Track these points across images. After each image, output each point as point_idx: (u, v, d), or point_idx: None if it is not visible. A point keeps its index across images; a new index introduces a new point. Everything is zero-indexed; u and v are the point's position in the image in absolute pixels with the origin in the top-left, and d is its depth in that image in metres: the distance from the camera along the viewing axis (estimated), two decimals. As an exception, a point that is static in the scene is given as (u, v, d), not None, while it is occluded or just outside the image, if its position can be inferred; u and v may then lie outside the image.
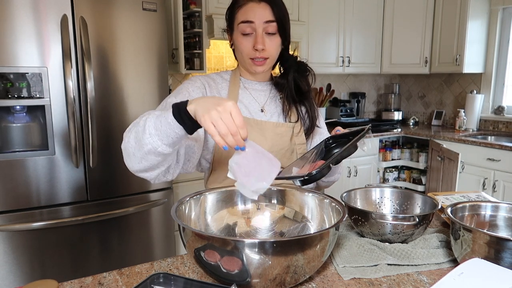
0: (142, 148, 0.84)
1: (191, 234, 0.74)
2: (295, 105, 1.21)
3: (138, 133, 0.84)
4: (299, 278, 0.75)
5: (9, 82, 1.78)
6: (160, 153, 0.84)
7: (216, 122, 0.72)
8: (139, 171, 0.92)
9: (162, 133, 0.81)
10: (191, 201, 0.93)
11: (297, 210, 1.00)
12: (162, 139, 0.81)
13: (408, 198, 1.12)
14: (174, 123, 0.79)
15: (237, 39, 1.09)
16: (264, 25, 1.06)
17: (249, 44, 1.08)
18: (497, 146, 2.80)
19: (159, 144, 0.82)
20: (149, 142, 0.82)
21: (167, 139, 0.81)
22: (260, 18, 1.05)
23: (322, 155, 1.00)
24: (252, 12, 1.05)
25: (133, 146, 0.86)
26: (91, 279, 0.85)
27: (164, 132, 0.80)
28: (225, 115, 0.72)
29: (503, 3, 3.25)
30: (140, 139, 0.84)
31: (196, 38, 2.76)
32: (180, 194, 2.39)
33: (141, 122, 0.85)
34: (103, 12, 1.89)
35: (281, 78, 1.20)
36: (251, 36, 1.08)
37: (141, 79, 2.03)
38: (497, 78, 3.43)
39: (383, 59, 3.71)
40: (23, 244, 1.84)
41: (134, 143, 0.86)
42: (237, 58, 1.17)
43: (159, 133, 0.81)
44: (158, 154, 0.85)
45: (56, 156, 1.87)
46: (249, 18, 1.06)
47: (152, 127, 0.81)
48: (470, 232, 0.81)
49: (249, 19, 1.06)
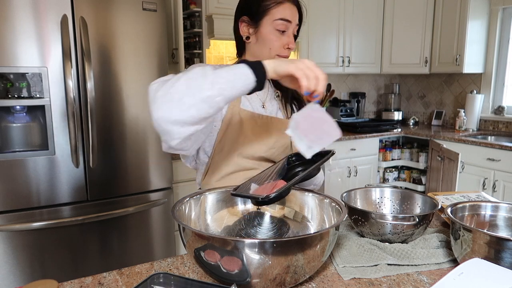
0: (197, 94, 0.79)
1: (191, 234, 0.74)
2: (291, 104, 1.22)
3: (193, 80, 0.81)
4: (299, 278, 0.75)
5: (9, 82, 1.78)
6: (216, 103, 0.80)
7: (303, 68, 0.81)
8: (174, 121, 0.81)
9: (227, 82, 0.80)
10: (191, 201, 0.93)
11: (297, 210, 1.00)
12: (226, 88, 0.80)
13: (408, 198, 1.12)
14: (247, 73, 0.80)
15: (268, 34, 1.09)
16: (295, 27, 1.11)
17: (281, 41, 1.10)
18: (497, 146, 2.81)
19: (220, 93, 0.80)
20: (208, 88, 0.79)
21: (231, 91, 0.80)
22: (294, 20, 1.10)
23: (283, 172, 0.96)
24: (290, 12, 1.09)
25: (183, 91, 0.80)
26: (91, 279, 0.85)
27: (231, 82, 0.80)
28: (309, 64, 0.82)
29: (503, 3, 3.25)
30: (197, 85, 0.80)
31: (196, 38, 2.76)
32: (180, 194, 2.39)
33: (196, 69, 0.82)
34: (103, 12, 1.89)
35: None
36: (284, 34, 1.10)
37: (141, 79, 2.03)
38: (497, 78, 3.43)
39: (383, 59, 3.71)
40: (23, 244, 1.84)
41: (184, 88, 0.80)
42: (254, 52, 1.14)
43: (223, 81, 0.80)
44: (214, 105, 0.81)
45: (56, 156, 1.87)
46: (288, 17, 1.08)
47: (214, 75, 0.80)
48: (470, 232, 0.81)
49: (287, 18, 1.08)
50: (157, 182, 2.16)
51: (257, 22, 1.10)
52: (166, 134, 0.84)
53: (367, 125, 3.50)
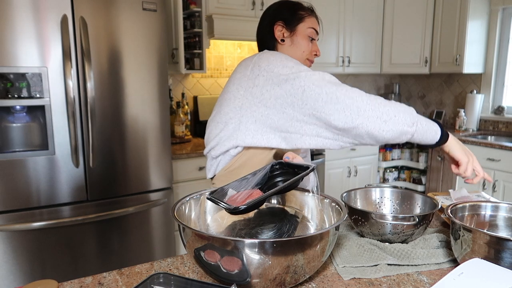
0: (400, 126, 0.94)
1: (191, 234, 0.74)
2: None
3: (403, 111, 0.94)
4: (299, 278, 0.75)
5: (9, 82, 1.78)
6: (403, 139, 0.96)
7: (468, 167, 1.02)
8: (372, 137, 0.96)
9: (424, 129, 0.95)
10: (191, 201, 0.93)
11: (297, 210, 1.00)
12: (421, 133, 0.95)
13: (408, 198, 1.12)
14: (440, 134, 0.98)
15: (303, 40, 1.22)
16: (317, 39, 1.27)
17: (311, 48, 1.24)
18: (497, 146, 2.80)
19: (413, 133, 0.95)
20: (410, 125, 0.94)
21: (419, 137, 0.96)
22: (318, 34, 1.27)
23: (263, 181, 0.96)
24: (317, 25, 1.25)
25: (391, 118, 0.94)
26: (91, 279, 0.85)
27: (427, 131, 0.96)
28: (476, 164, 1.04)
29: (503, 3, 3.25)
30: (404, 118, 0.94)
31: (196, 38, 2.76)
32: (180, 194, 2.39)
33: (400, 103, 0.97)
34: (103, 12, 1.89)
35: None
36: (313, 42, 1.24)
37: (141, 79, 2.03)
38: (497, 78, 3.43)
39: (383, 59, 3.71)
40: (23, 244, 1.84)
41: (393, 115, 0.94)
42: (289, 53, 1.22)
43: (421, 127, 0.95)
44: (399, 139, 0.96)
45: (56, 156, 1.87)
46: (317, 28, 1.24)
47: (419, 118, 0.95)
48: (470, 232, 0.81)
49: (317, 29, 1.24)
50: (157, 182, 2.16)
51: (293, 27, 1.22)
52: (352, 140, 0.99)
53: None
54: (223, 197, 0.86)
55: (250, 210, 0.84)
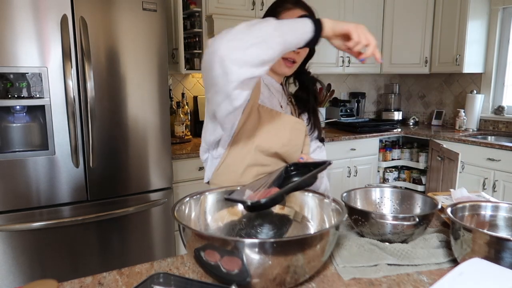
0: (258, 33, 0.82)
1: (191, 234, 0.74)
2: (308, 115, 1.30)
3: (257, 23, 0.84)
4: (299, 278, 0.75)
5: (9, 82, 1.78)
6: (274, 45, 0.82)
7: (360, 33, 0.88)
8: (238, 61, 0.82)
9: (287, 27, 0.84)
10: (191, 201, 0.93)
11: (297, 210, 1.00)
12: (286, 32, 0.83)
13: (408, 198, 1.12)
14: (307, 23, 0.86)
15: None
16: None
17: None
18: (497, 146, 2.80)
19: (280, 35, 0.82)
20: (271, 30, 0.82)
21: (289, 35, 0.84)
22: None
23: (280, 181, 0.97)
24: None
25: (243, 32, 0.82)
26: (91, 279, 0.85)
27: (291, 26, 0.84)
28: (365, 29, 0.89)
29: (503, 3, 3.25)
30: (261, 26, 0.83)
31: (196, 38, 2.76)
32: (180, 194, 2.39)
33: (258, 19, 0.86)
34: (103, 12, 1.89)
35: (301, 92, 1.29)
36: None
37: (141, 79, 2.03)
38: (497, 78, 3.43)
39: (383, 59, 3.71)
40: (23, 244, 1.84)
41: (245, 29, 0.82)
42: None
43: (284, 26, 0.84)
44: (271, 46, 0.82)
45: (56, 156, 1.87)
46: None
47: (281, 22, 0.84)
48: (470, 232, 0.81)
49: None
50: (157, 182, 2.16)
51: None
52: (225, 76, 0.83)
53: (367, 125, 3.50)
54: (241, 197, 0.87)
55: (270, 205, 0.85)
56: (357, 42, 0.88)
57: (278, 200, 0.85)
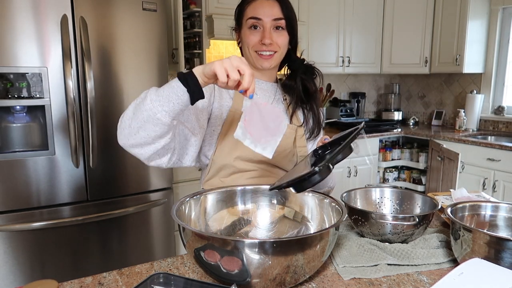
0: (140, 115, 0.84)
1: (191, 234, 0.74)
2: (301, 108, 1.21)
3: (138, 104, 0.85)
4: (299, 278, 0.75)
5: (9, 82, 1.78)
6: (159, 120, 0.83)
7: (227, 67, 0.79)
8: (132, 146, 0.89)
9: (163, 98, 0.82)
10: (191, 201, 0.93)
11: (297, 210, 1.00)
12: (163, 104, 0.82)
13: (408, 198, 1.12)
14: (178, 85, 0.81)
15: (245, 34, 1.11)
16: (272, 22, 1.08)
17: (256, 38, 1.09)
18: (497, 146, 2.80)
19: (159, 110, 0.82)
20: (149, 108, 0.82)
21: (168, 105, 0.82)
22: (269, 16, 1.08)
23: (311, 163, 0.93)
24: (262, 8, 1.08)
25: (130, 117, 0.86)
26: (91, 279, 0.85)
27: (166, 96, 0.81)
28: (235, 61, 0.80)
29: (503, 3, 3.25)
30: (140, 107, 0.84)
31: (196, 38, 2.76)
32: (180, 194, 2.39)
33: (142, 94, 0.87)
34: (103, 12, 1.89)
35: (288, 80, 1.20)
36: (259, 31, 1.09)
37: (141, 79, 2.03)
38: (497, 78, 3.43)
39: (383, 59, 3.71)
40: (23, 244, 1.84)
41: (131, 114, 0.86)
42: (244, 54, 1.16)
43: (160, 98, 0.82)
44: (157, 122, 0.83)
45: (56, 156, 1.87)
46: (258, 15, 1.08)
47: (153, 93, 0.83)
48: (470, 232, 0.81)
49: (257, 16, 1.08)
50: (157, 182, 2.16)
51: (239, 26, 1.14)
52: (134, 156, 0.93)
53: (367, 125, 3.50)
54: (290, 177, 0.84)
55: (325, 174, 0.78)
56: (224, 82, 0.80)
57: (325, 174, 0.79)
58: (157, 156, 0.94)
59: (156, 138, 0.87)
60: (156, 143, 0.89)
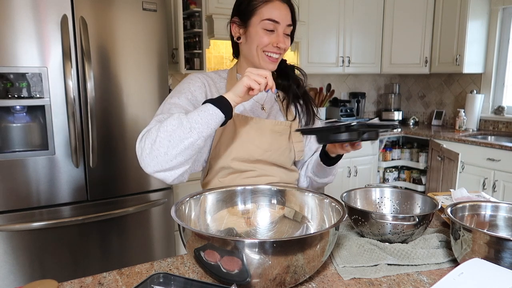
0: (181, 144, 0.90)
1: (191, 234, 0.74)
2: (294, 103, 1.23)
3: (173, 131, 0.90)
4: (299, 278, 0.75)
5: (9, 82, 1.78)
6: (197, 146, 0.92)
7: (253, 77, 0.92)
8: (165, 170, 0.93)
9: (202, 125, 0.90)
10: (191, 201, 0.93)
11: (297, 210, 1.00)
12: (202, 131, 0.90)
13: (408, 198, 1.12)
14: (216, 112, 0.91)
15: (257, 33, 1.09)
16: (285, 28, 1.10)
17: (269, 40, 1.09)
18: (497, 146, 2.81)
19: (200, 136, 0.91)
20: (190, 136, 0.90)
21: (207, 131, 0.91)
22: (284, 20, 1.09)
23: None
24: (279, 12, 1.08)
25: (166, 145, 0.90)
26: (91, 279, 0.85)
27: (205, 123, 0.90)
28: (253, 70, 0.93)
29: (503, 3, 3.25)
30: (178, 135, 0.90)
31: (196, 38, 2.76)
32: (180, 194, 2.39)
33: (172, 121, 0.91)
34: (103, 12, 1.89)
35: (281, 79, 1.23)
36: (273, 33, 1.10)
37: (141, 79, 2.03)
38: (497, 78, 3.43)
39: (383, 59, 3.71)
40: (23, 244, 1.84)
41: (167, 142, 0.90)
42: (245, 52, 1.15)
43: (199, 125, 0.90)
44: (196, 147, 0.92)
45: (56, 156, 1.87)
46: (276, 18, 1.08)
47: (193, 121, 0.90)
48: (470, 232, 0.81)
49: (275, 19, 1.08)
50: (157, 182, 2.16)
51: (246, 22, 1.11)
52: (162, 179, 0.96)
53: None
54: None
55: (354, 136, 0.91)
56: (258, 88, 0.93)
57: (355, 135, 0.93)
58: (181, 177, 0.99)
59: (189, 161, 0.95)
60: (186, 165, 0.95)
